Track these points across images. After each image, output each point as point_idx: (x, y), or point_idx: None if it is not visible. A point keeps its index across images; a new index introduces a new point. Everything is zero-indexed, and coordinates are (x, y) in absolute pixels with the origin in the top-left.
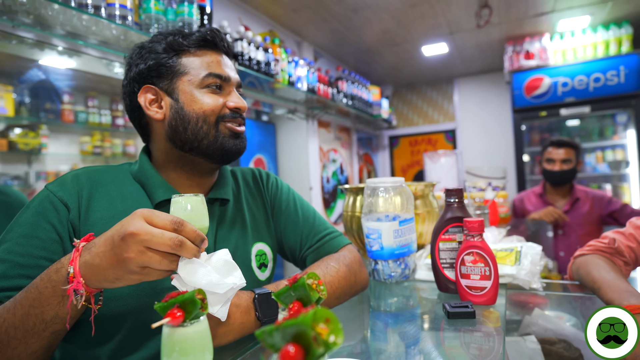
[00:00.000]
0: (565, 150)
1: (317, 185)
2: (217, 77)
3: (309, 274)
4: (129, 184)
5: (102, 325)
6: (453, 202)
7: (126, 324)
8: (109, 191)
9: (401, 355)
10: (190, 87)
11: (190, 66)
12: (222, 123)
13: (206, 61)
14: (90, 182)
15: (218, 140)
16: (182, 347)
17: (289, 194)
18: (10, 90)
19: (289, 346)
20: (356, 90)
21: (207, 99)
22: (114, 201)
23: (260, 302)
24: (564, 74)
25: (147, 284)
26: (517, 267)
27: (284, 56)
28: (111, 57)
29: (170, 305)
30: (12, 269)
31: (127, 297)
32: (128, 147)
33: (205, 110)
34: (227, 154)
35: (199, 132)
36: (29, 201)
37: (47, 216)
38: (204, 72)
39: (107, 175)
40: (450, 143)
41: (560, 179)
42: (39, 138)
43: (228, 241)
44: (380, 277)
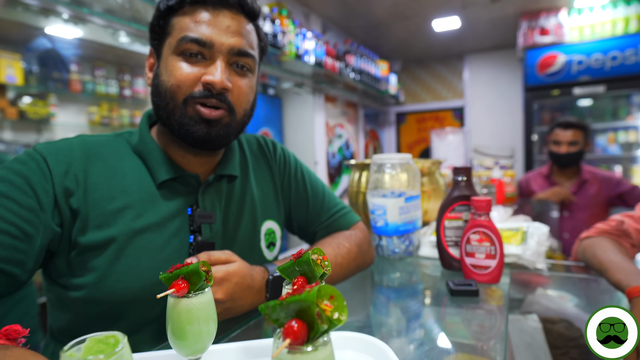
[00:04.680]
0: (572, 131)
1: (323, 160)
2: (193, 42)
3: (314, 249)
4: (129, 159)
5: (102, 313)
6: (461, 181)
7: (130, 312)
8: (107, 167)
9: (402, 329)
10: (168, 52)
11: (176, 26)
12: (191, 102)
13: (193, 20)
14: (85, 156)
15: (184, 122)
16: (187, 317)
17: (297, 167)
18: (18, 58)
19: (293, 322)
20: (364, 64)
21: (177, 70)
22: (113, 179)
23: (272, 285)
24: (580, 52)
25: (150, 272)
26: (523, 247)
27: (291, 28)
28: (116, 25)
29: (174, 277)
30: None
31: (131, 286)
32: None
33: (173, 84)
34: (196, 141)
35: (167, 108)
36: (13, 158)
37: (30, 180)
38: (181, 34)
39: (106, 147)
40: (458, 121)
41: (566, 161)
42: (48, 107)
43: (237, 221)
44: (384, 252)
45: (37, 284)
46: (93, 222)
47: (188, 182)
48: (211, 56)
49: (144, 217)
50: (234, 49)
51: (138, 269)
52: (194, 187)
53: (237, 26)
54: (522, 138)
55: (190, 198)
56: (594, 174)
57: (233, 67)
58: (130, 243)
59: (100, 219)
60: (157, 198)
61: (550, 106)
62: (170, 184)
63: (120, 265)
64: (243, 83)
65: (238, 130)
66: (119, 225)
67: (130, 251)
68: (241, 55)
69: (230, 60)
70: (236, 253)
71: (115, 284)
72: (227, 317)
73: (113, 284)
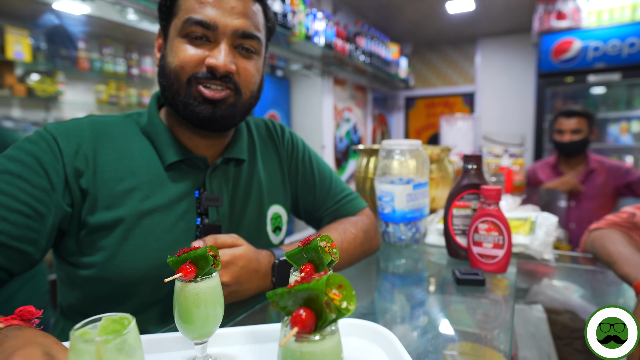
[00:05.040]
0: (576, 120)
1: (330, 144)
2: (197, 25)
3: (322, 236)
4: (138, 140)
5: (111, 292)
6: (471, 169)
7: (138, 292)
8: (116, 148)
9: (406, 315)
10: (174, 34)
11: (181, 7)
12: (195, 83)
13: (199, 1)
14: (95, 136)
15: (188, 103)
16: (194, 301)
17: (305, 152)
18: (26, 34)
19: (301, 310)
20: (375, 47)
21: (182, 52)
22: (122, 160)
23: (278, 269)
24: (597, 38)
25: (157, 253)
26: (531, 237)
27: (301, 8)
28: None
29: (182, 261)
30: None
31: (138, 266)
32: (143, 97)
33: (176, 66)
34: (201, 121)
35: (172, 89)
36: (24, 137)
37: (42, 160)
38: (185, 15)
39: (115, 128)
40: (468, 107)
41: (570, 149)
42: (56, 85)
43: (244, 205)
44: (390, 239)
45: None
46: (102, 203)
47: (196, 165)
48: (215, 38)
49: (151, 198)
50: (239, 30)
51: (145, 249)
52: (202, 169)
53: (242, 7)
54: (533, 126)
55: (198, 180)
56: (602, 163)
57: (238, 49)
58: (138, 224)
59: (108, 199)
60: (165, 180)
61: (562, 94)
62: (178, 166)
63: (128, 246)
64: (249, 65)
65: (244, 111)
66: (127, 206)
67: (138, 232)
68: (246, 38)
69: (235, 43)
70: (242, 236)
71: (123, 264)
72: (233, 301)
73: (121, 264)
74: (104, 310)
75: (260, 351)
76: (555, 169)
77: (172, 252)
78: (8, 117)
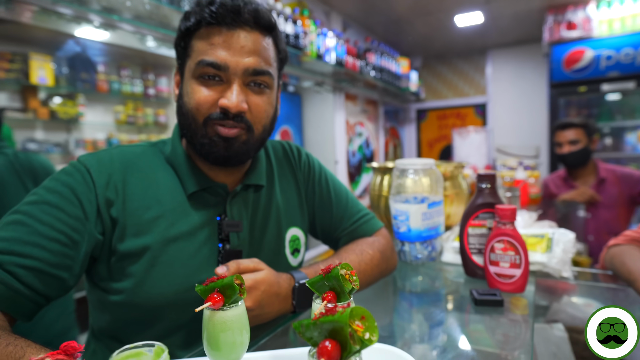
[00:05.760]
0: (572, 131)
1: (343, 159)
2: (209, 66)
3: (343, 264)
4: (162, 170)
5: (139, 317)
6: (485, 188)
7: (165, 316)
8: (143, 178)
9: (425, 335)
10: (189, 75)
11: (194, 49)
12: (211, 124)
13: (209, 43)
14: (124, 167)
15: (204, 143)
16: (222, 328)
17: (321, 173)
18: (49, 60)
19: (327, 342)
20: (385, 62)
21: (197, 93)
22: (149, 189)
23: (298, 293)
24: (609, 46)
25: (183, 279)
26: (548, 255)
27: (312, 28)
28: (144, 31)
29: (210, 290)
30: (29, 235)
31: (165, 292)
32: (159, 116)
33: (192, 107)
34: (217, 160)
35: (190, 128)
36: (60, 169)
37: (76, 190)
38: (198, 58)
39: (141, 158)
40: (480, 118)
41: (571, 161)
42: (77, 107)
43: (263, 229)
44: (406, 258)
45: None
46: (130, 230)
47: (217, 192)
48: (227, 78)
49: (176, 226)
50: (249, 69)
51: (171, 275)
52: (222, 196)
53: (252, 45)
54: (547, 136)
55: (219, 207)
56: (613, 172)
57: (250, 86)
58: (164, 251)
59: (136, 227)
60: (188, 208)
61: (576, 103)
62: (200, 194)
63: (155, 272)
64: (261, 100)
65: (257, 146)
66: (153, 234)
67: (164, 259)
68: (257, 74)
69: (246, 80)
70: (262, 260)
71: (150, 289)
72: (255, 324)
73: (149, 290)
74: (132, 333)
75: None
76: (566, 182)
77: (196, 277)
78: (32, 139)
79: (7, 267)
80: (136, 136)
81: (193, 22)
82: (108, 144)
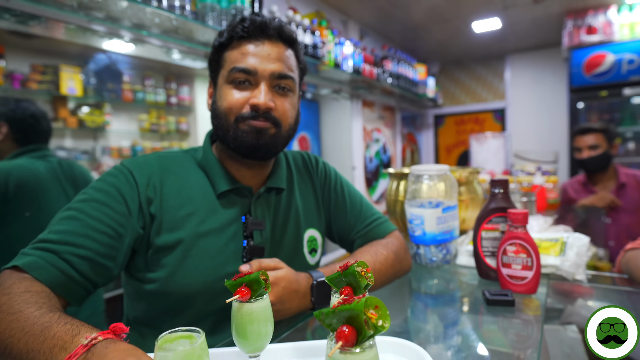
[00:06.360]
0: (592, 136)
1: (360, 165)
2: (240, 72)
3: (359, 262)
4: (195, 172)
5: (171, 304)
6: (498, 193)
7: (194, 304)
8: (178, 179)
9: (439, 335)
10: (222, 82)
11: (227, 59)
12: (242, 121)
13: (240, 53)
14: (161, 169)
15: (237, 136)
16: (249, 319)
17: (337, 180)
18: (78, 71)
19: (344, 327)
20: (402, 69)
21: (229, 96)
22: (182, 190)
23: (316, 290)
24: (631, 50)
25: (211, 271)
26: (562, 258)
27: (330, 38)
28: (170, 44)
29: (238, 284)
30: (82, 228)
31: (194, 282)
32: (181, 124)
33: (225, 108)
34: (248, 149)
35: (222, 128)
36: (106, 172)
37: (121, 190)
38: (230, 66)
39: (176, 162)
40: (499, 123)
41: (591, 165)
42: (103, 116)
43: (284, 229)
44: (422, 261)
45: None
46: (166, 226)
47: (243, 193)
48: (256, 82)
49: (206, 222)
50: (275, 73)
51: (201, 267)
52: (248, 197)
53: (277, 53)
54: (567, 142)
55: (244, 207)
56: (634, 176)
57: (275, 89)
58: (195, 245)
59: (171, 223)
60: (217, 207)
61: (597, 107)
62: (227, 194)
63: (186, 264)
64: (285, 102)
65: (284, 141)
66: (186, 229)
67: (195, 252)
68: (281, 78)
69: (272, 84)
70: (281, 257)
71: (182, 279)
72: (276, 319)
73: (180, 280)
74: (164, 322)
75: None
76: (585, 187)
77: (223, 270)
78: (61, 147)
79: (63, 256)
80: (159, 143)
81: (226, 37)
82: (132, 151)
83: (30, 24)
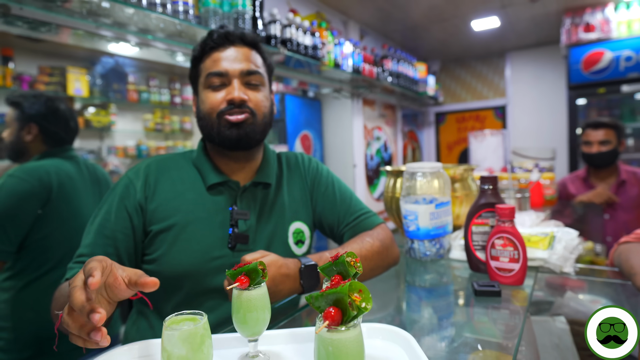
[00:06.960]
0: (603, 131)
1: (361, 163)
2: (215, 76)
3: (348, 252)
4: (188, 170)
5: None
6: (487, 189)
7: (184, 284)
8: (172, 176)
9: (434, 325)
10: (201, 89)
11: (202, 69)
12: (222, 116)
13: (212, 61)
14: (158, 170)
15: (220, 131)
16: (248, 305)
17: (328, 177)
18: (84, 73)
19: (331, 308)
20: (402, 68)
21: (209, 98)
22: (176, 184)
23: (303, 274)
24: (629, 47)
25: (198, 254)
26: (549, 252)
27: (330, 39)
28: (175, 48)
29: (238, 273)
30: (100, 239)
31: (183, 263)
32: (185, 123)
33: (207, 109)
34: (230, 142)
35: (207, 126)
36: (115, 184)
37: (125, 201)
38: (206, 73)
39: (173, 162)
40: (499, 120)
41: (599, 161)
42: (109, 116)
43: (268, 221)
44: (416, 255)
45: None
46: (160, 215)
47: (230, 187)
48: (229, 81)
49: (196, 211)
50: (244, 70)
51: (189, 250)
52: (235, 190)
53: (243, 55)
54: (567, 138)
55: (231, 199)
56: (634, 174)
57: (247, 85)
58: (185, 230)
59: (166, 212)
60: (207, 198)
61: (596, 104)
62: (216, 187)
63: (176, 247)
64: (258, 94)
65: (262, 129)
66: (178, 217)
67: (184, 236)
68: (250, 74)
69: (243, 80)
70: (265, 245)
71: (172, 260)
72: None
73: (171, 260)
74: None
75: (301, 349)
76: (585, 182)
77: (209, 254)
78: None
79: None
80: (163, 142)
81: (198, 50)
82: (137, 150)
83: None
